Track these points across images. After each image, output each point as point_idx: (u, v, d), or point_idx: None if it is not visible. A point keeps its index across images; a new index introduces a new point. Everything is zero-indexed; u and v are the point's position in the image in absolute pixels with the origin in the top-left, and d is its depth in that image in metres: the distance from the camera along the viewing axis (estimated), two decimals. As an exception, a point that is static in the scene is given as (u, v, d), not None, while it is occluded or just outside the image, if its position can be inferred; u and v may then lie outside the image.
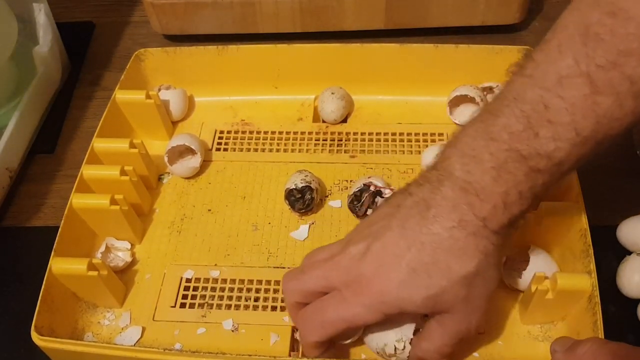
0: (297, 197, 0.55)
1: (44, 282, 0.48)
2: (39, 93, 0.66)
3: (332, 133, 0.63)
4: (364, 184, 0.54)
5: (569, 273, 0.48)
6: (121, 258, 0.54)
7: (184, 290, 0.53)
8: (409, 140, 0.62)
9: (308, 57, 0.63)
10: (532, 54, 0.39)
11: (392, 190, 0.53)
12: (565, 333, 0.48)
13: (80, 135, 0.67)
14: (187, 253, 0.55)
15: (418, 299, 0.41)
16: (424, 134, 0.62)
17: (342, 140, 0.62)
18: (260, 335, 0.50)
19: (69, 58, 0.73)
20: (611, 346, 0.39)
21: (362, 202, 0.54)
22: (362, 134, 0.63)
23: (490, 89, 0.62)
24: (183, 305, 0.52)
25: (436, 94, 0.63)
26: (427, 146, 0.60)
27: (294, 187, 0.55)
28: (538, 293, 0.45)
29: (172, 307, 0.52)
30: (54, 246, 0.49)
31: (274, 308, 0.51)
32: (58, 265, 0.48)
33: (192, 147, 0.58)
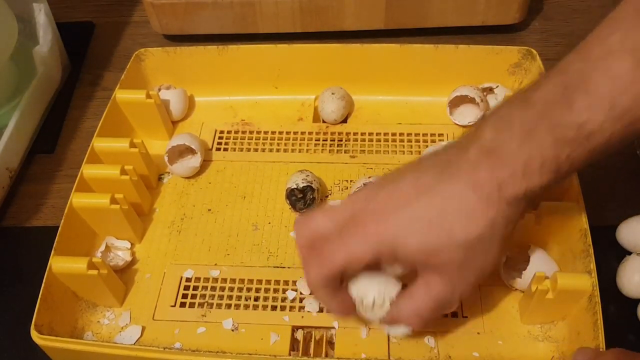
0: (299, 197, 0.55)
1: (44, 281, 0.48)
2: (39, 93, 0.66)
3: (332, 133, 0.63)
4: (364, 184, 0.54)
5: (569, 273, 0.48)
6: (121, 257, 0.54)
7: (184, 289, 0.53)
8: (409, 140, 0.62)
9: (308, 57, 0.63)
10: (589, 35, 0.39)
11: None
12: (565, 333, 0.48)
13: (80, 135, 0.67)
14: (187, 252, 0.55)
15: (413, 245, 0.40)
16: (424, 134, 0.62)
17: (342, 140, 0.62)
18: (260, 334, 0.50)
19: (69, 58, 0.73)
20: (633, 357, 0.39)
21: (362, 202, 0.54)
22: (362, 134, 0.63)
23: (490, 89, 0.62)
24: (183, 304, 0.52)
25: (436, 94, 0.63)
26: (427, 146, 0.60)
27: (296, 187, 0.55)
28: (538, 293, 0.45)
29: (172, 307, 0.52)
30: (54, 245, 0.49)
31: (274, 308, 0.51)
32: (58, 264, 0.48)
33: (192, 147, 0.58)
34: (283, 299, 0.51)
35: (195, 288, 0.53)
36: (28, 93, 0.64)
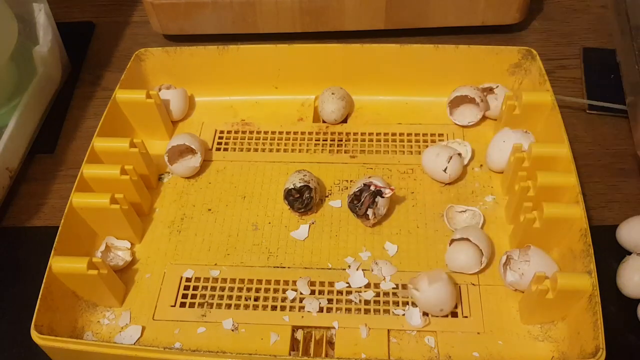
0: (296, 197, 0.55)
1: (44, 281, 0.48)
2: (39, 93, 0.66)
3: (332, 133, 0.63)
4: (364, 184, 0.54)
5: (569, 273, 0.48)
6: (121, 257, 0.54)
7: (184, 289, 0.53)
8: (409, 140, 0.62)
9: (308, 57, 0.63)
10: None
11: (392, 190, 0.53)
12: (565, 333, 0.48)
13: (80, 135, 0.67)
14: (187, 252, 0.55)
15: None
16: (424, 134, 0.62)
17: (342, 140, 0.62)
18: (260, 334, 0.50)
19: (69, 58, 0.73)
20: None
21: (362, 202, 0.54)
22: (362, 134, 0.63)
23: (490, 89, 0.62)
24: (183, 304, 0.52)
25: (436, 94, 0.64)
26: (427, 146, 0.60)
27: (293, 187, 0.55)
28: (538, 293, 0.45)
29: (172, 307, 0.52)
30: (54, 245, 0.49)
31: (274, 308, 0.51)
32: (58, 264, 0.48)
33: (192, 147, 0.58)
34: (283, 299, 0.51)
35: (195, 288, 0.53)
36: (28, 93, 0.64)
